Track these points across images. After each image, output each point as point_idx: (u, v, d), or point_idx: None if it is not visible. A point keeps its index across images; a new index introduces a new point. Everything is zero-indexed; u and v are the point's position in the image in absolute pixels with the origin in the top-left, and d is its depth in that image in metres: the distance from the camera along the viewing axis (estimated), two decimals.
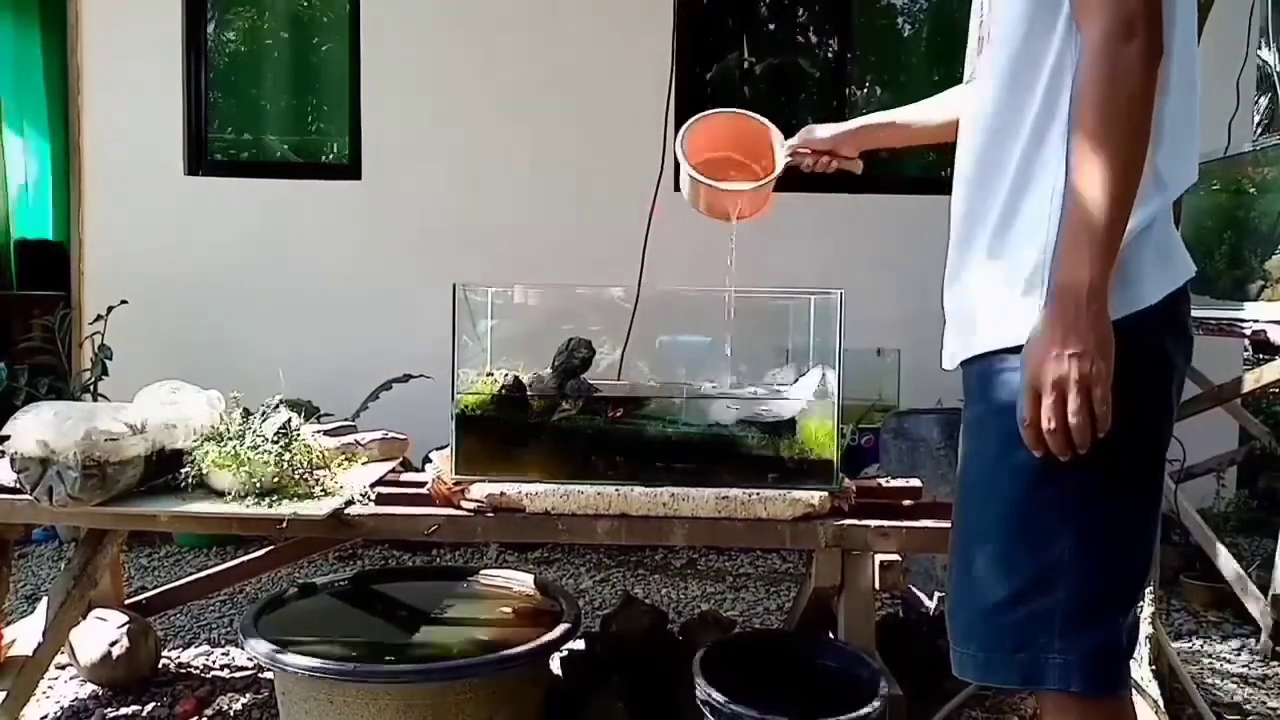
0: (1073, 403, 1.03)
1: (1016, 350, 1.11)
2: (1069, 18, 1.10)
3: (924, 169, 4.62)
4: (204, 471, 1.88)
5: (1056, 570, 1.11)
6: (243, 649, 1.98)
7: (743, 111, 1.89)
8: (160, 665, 2.45)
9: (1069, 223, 1.06)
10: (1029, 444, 1.08)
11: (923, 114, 1.67)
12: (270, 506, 1.82)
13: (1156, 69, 1.04)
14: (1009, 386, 1.11)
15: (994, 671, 1.17)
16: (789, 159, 1.80)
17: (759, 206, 1.85)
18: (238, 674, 2.46)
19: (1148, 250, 1.11)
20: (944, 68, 4.64)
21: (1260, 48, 3.57)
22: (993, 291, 1.17)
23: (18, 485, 1.81)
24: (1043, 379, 1.05)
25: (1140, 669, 2.07)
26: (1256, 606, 2.70)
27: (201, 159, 4.28)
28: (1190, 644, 2.76)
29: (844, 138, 1.76)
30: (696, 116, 1.84)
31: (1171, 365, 1.15)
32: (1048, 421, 1.05)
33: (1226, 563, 2.76)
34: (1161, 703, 2.03)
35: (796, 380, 1.99)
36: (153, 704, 2.28)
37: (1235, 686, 2.48)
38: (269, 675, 2.18)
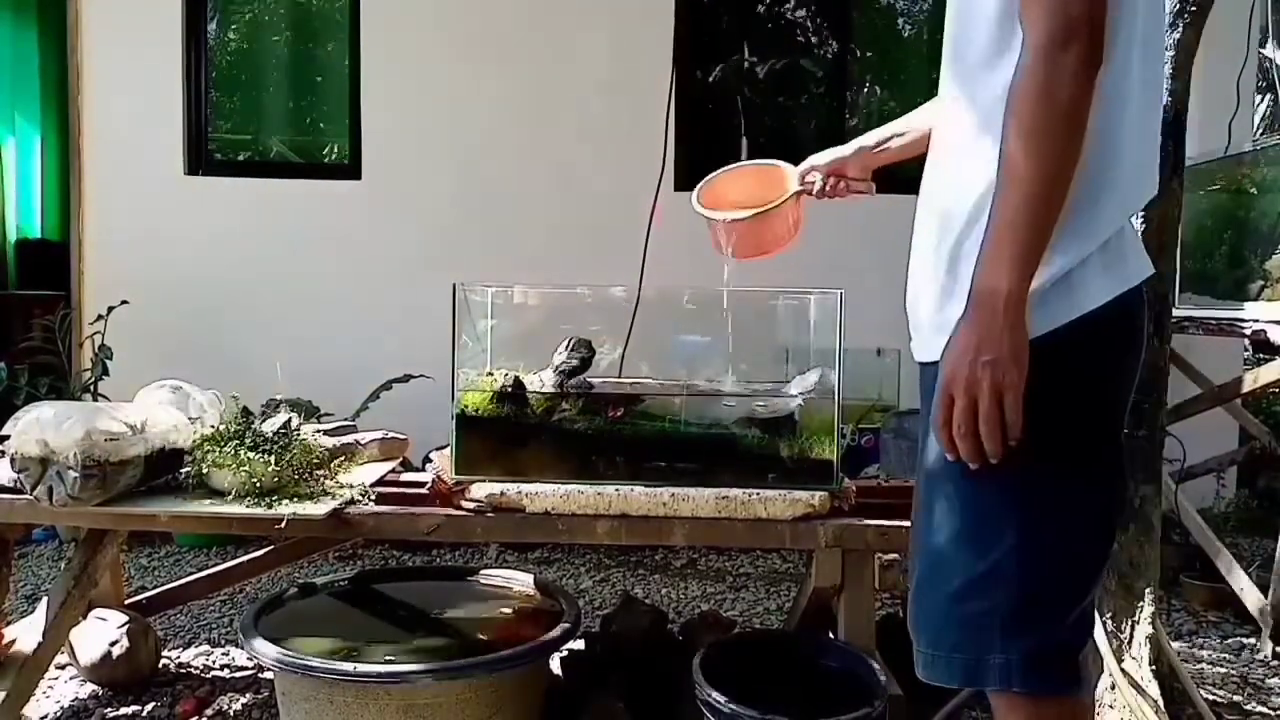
0: (983, 409, 1.04)
1: None
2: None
3: (923, 170, 4.61)
4: (204, 471, 1.88)
5: (996, 571, 1.11)
6: (243, 649, 1.98)
7: (747, 162, 1.91)
8: (160, 665, 2.45)
9: (993, 230, 1.05)
10: (942, 447, 1.09)
11: (921, 120, 1.62)
12: (270, 506, 1.82)
13: (1094, 78, 1.02)
14: None
15: (936, 670, 1.17)
16: (800, 188, 1.78)
17: (776, 237, 1.82)
18: (238, 674, 2.46)
19: (1094, 258, 1.10)
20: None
21: (1264, 46, 3.57)
22: (946, 301, 1.16)
23: (18, 485, 1.81)
24: (955, 384, 1.06)
25: (1140, 669, 2.07)
26: (1256, 606, 2.70)
27: (201, 159, 4.28)
28: (1190, 644, 2.76)
29: (844, 161, 1.74)
30: (706, 178, 1.85)
31: (1116, 369, 1.14)
32: (958, 426, 1.06)
33: (1226, 563, 2.76)
34: (1161, 703, 2.02)
35: (793, 380, 1.99)
36: (153, 704, 2.28)
37: (1235, 686, 2.48)
38: (269, 675, 2.18)
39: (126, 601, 2.46)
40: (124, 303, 3.70)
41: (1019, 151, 1.03)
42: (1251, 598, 2.71)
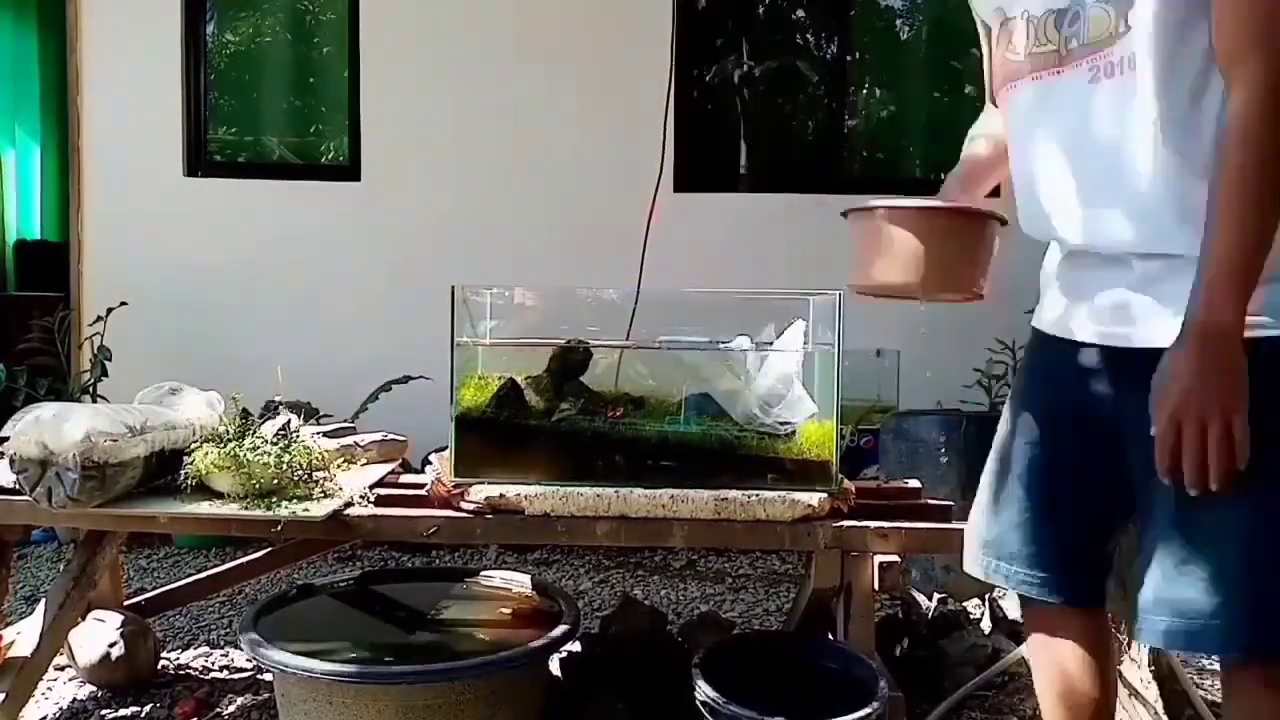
0: (1216, 435, 1.11)
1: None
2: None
3: (922, 170, 4.62)
4: (203, 473, 1.88)
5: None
6: (242, 650, 1.98)
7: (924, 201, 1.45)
8: (159, 666, 2.45)
9: (1218, 265, 1.11)
10: (1163, 470, 1.15)
11: (978, 154, 1.56)
12: (269, 508, 1.82)
13: None
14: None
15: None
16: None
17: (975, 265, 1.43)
18: (237, 675, 2.45)
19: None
20: (943, 69, 4.65)
21: None
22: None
23: (17, 486, 1.81)
24: (1187, 415, 1.11)
25: (1139, 671, 2.07)
26: None
27: (201, 160, 4.28)
28: None
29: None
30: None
31: None
32: (1192, 455, 1.12)
33: None
34: (1160, 705, 2.03)
35: (779, 336, 1.97)
36: (152, 705, 2.28)
37: None
38: (268, 677, 2.18)
39: (125, 603, 2.46)
40: (123, 304, 3.70)
41: (1247, 193, 1.10)
42: None
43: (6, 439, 1.79)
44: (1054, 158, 1.30)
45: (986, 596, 2.73)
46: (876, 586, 1.82)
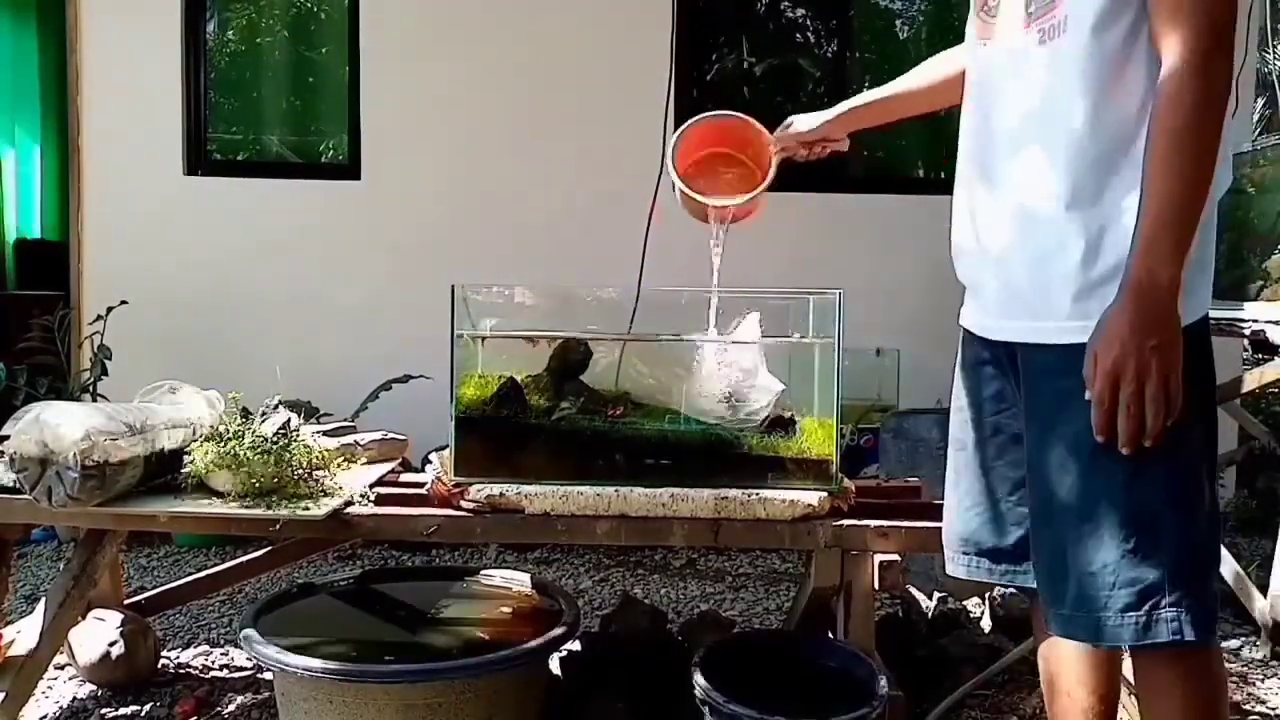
0: (1151, 392, 1.11)
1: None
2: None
3: (922, 170, 4.62)
4: (203, 472, 1.88)
5: (1165, 535, 1.18)
6: (242, 649, 1.98)
7: (726, 113, 1.92)
8: (159, 665, 2.45)
9: (1155, 220, 1.12)
10: (1099, 429, 1.15)
11: (910, 85, 1.70)
12: (269, 507, 1.82)
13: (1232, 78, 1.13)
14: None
15: (1102, 633, 1.22)
16: (780, 153, 1.83)
17: (751, 210, 1.87)
18: (237, 674, 2.45)
19: (1206, 258, 1.22)
20: None
21: (1262, 47, 3.58)
22: (1092, 285, 1.21)
23: (17, 485, 1.81)
24: (1124, 368, 1.12)
25: None
26: (1256, 606, 2.70)
27: (201, 159, 4.28)
28: None
29: (832, 126, 1.79)
30: (684, 125, 1.88)
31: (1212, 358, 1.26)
32: (1127, 408, 1.12)
33: (1226, 562, 2.76)
34: None
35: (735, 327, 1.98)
36: (152, 704, 2.28)
37: (1235, 686, 2.48)
38: (268, 675, 2.18)
39: (126, 602, 2.46)
40: (123, 303, 3.70)
41: (1181, 149, 1.11)
42: (1251, 598, 2.71)
43: (6, 438, 1.79)
44: (1003, 111, 1.33)
45: (986, 595, 2.73)
46: (876, 585, 1.82)
